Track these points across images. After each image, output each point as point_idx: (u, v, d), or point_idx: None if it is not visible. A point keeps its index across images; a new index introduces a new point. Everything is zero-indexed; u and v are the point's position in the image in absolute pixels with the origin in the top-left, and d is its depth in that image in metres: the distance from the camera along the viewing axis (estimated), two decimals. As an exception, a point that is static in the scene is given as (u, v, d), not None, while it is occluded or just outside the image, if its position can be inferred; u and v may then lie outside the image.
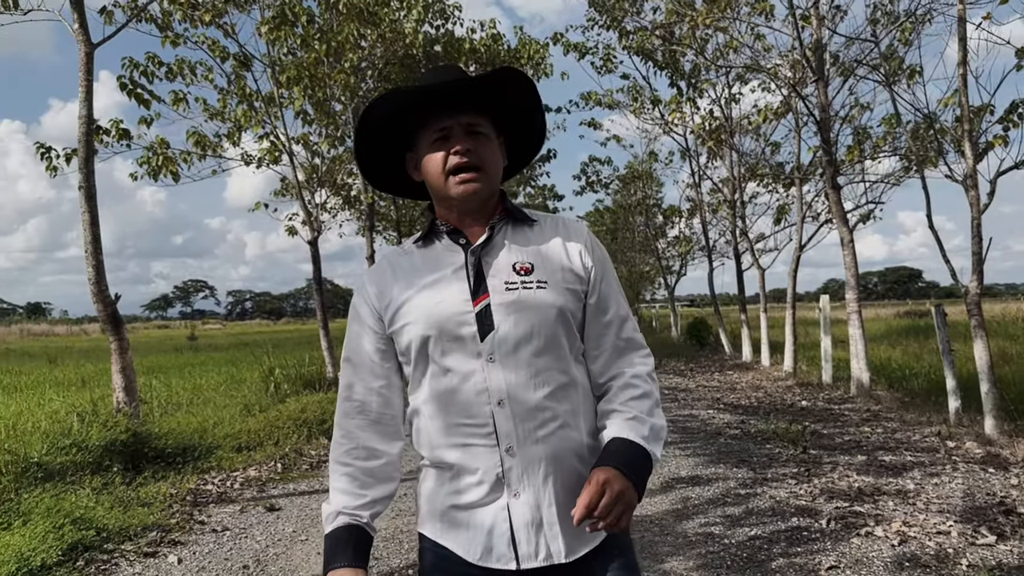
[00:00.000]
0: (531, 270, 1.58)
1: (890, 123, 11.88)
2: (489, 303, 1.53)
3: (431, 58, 14.92)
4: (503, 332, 1.52)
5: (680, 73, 15.95)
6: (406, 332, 1.57)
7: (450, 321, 1.53)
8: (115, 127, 11.34)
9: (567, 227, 1.70)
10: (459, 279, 1.57)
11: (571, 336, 1.60)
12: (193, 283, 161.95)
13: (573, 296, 1.60)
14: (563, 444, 1.54)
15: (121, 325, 7.46)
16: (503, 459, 1.51)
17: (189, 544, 4.84)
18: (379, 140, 1.68)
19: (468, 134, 1.58)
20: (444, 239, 1.63)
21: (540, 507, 1.52)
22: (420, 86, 1.57)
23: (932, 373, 11.33)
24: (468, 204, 1.60)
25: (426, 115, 1.60)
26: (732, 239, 17.89)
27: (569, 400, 1.57)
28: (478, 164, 1.57)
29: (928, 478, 5.82)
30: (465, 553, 1.56)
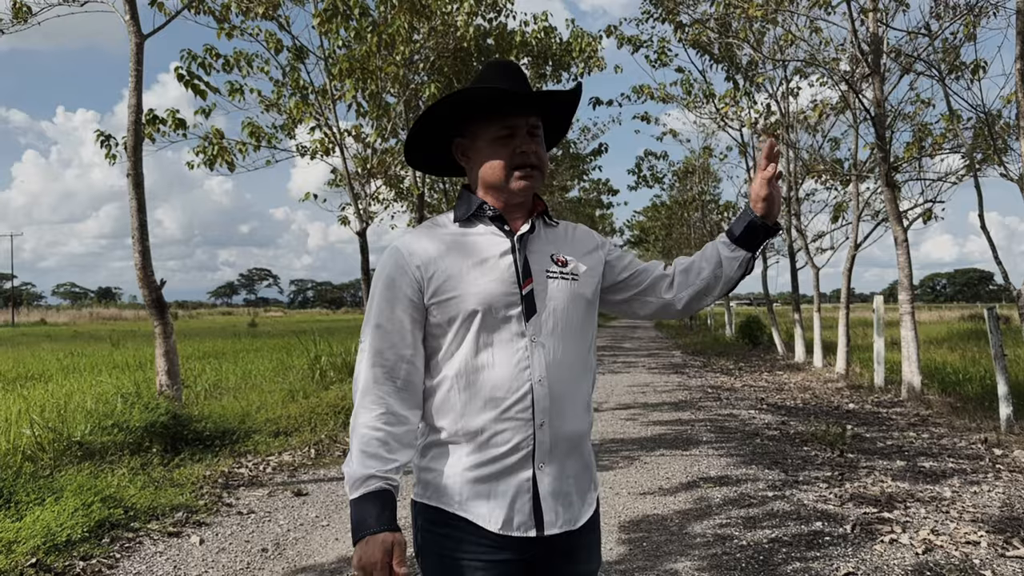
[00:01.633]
0: (566, 263, 1.76)
1: (950, 120, 11.49)
2: (533, 288, 1.69)
3: (483, 51, 14.94)
4: (544, 316, 1.68)
5: (736, 67, 15.66)
6: (453, 305, 1.65)
7: (501, 300, 1.65)
8: (171, 117, 11.67)
9: (579, 229, 1.91)
10: (508, 263, 1.69)
11: (593, 326, 1.81)
12: (257, 271, 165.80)
13: (595, 288, 1.81)
14: (584, 425, 1.74)
15: (165, 310, 7.67)
16: (536, 433, 1.64)
17: (213, 526, 4.95)
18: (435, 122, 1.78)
19: (531, 135, 1.72)
20: (487, 223, 1.75)
21: (562, 479, 1.68)
22: (504, 89, 1.67)
23: (988, 378, 10.94)
24: (522, 197, 1.73)
25: (494, 111, 1.70)
26: (787, 237, 17.53)
27: (588, 384, 1.77)
28: (539, 164, 1.72)
29: (967, 486, 5.63)
30: (486, 522, 1.63)
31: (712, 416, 9.17)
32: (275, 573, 4.13)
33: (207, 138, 12.26)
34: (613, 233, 34.04)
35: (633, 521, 4.92)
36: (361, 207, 13.69)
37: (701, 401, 10.54)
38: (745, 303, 62.63)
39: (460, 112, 1.74)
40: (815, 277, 16.17)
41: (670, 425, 8.49)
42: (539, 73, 15.60)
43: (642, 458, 6.81)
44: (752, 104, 16.56)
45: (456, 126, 1.77)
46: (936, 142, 12.04)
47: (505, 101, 1.68)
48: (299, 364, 12.98)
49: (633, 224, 37.45)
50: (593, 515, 1.78)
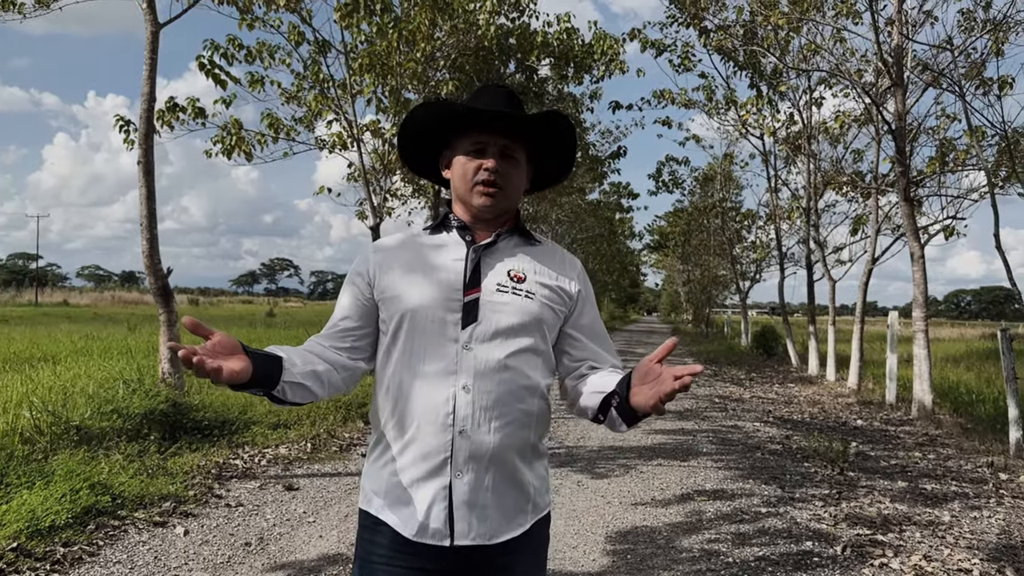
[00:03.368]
0: (523, 280, 1.74)
1: (975, 135, 11.31)
2: (479, 298, 1.69)
3: (504, 51, 14.90)
4: (485, 326, 1.67)
5: (760, 74, 15.51)
6: (394, 302, 1.71)
7: (438, 304, 1.68)
8: (191, 105, 11.75)
9: (564, 257, 1.88)
10: (456, 270, 1.71)
11: (544, 346, 1.76)
12: (279, 261, 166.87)
13: (553, 313, 1.76)
14: (512, 440, 1.68)
15: (171, 298, 7.70)
16: (455, 440, 1.63)
17: (200, 517, 4.95)
18: (423, 134, 1.84)
19: (502, 155, 1.74)
20: (453, 232, 1.79)
21: (479, 490, 1.65)
22: (470, 107, 1.73)
23: (1002, 399, 10.75)
24: (484, 213, 1.75)
25: (468, 127, 1.76)
26: (805, 247, 17.36)
27: (528, 402, 1.71)
28: (501, 184, 1.73)
29: (967, 511, 5.52)
30: (402, 528, 1.66)
31: (715, 427, 9.07)
32: (255, 568, 4.12)
33: (225, 128, 12.34)
34: (633, 237, 33.86)
35: (621, 532, 4.86)
36: (376, 202, 13.71)
37: (707, 411, 10.44)
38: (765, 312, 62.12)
39: (441, 125, 1.79)
40: (831, 290, 15.99)
41: (671, 435, 8.41)
42: (560, 75, 15.54)
43: (638, 467, 6.75)
44: (775, 113, 16.43)
45: (443, 140, 1.83)
46: (959, 158, 11.86)
47: (473, 118, 1.73)
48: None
49: (654, 228, 37.28)
50: (523, 537, 1.73)
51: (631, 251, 39.41)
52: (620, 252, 33.85)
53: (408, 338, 1.68)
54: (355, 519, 4.93)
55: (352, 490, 5.75)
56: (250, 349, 1.53)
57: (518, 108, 1.78)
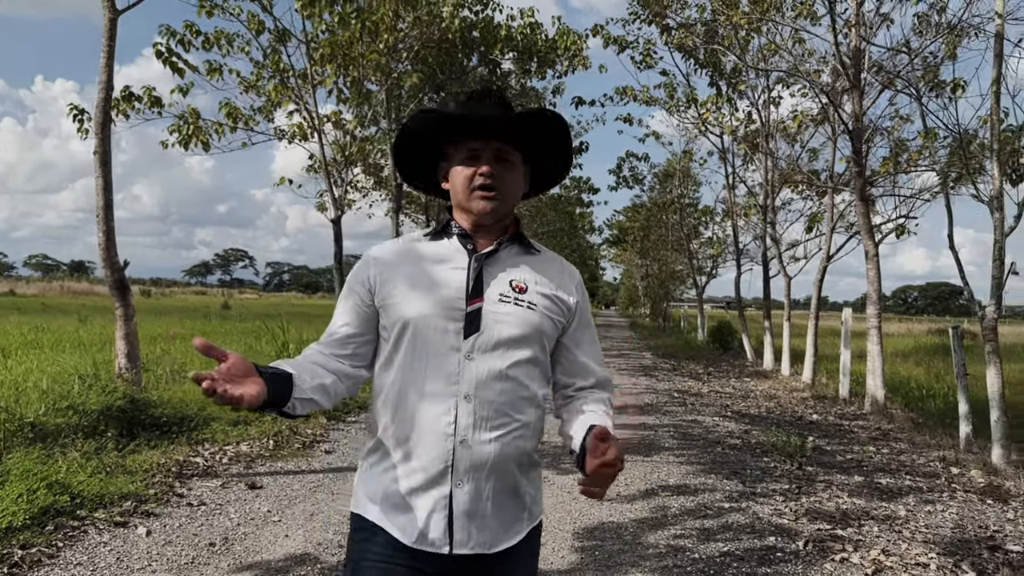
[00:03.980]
0: (525, 290, 1.75)
1: (927, 137, 11.58)
2: (481, 308, 1.69)
3: (468, 43, 14.85)
4: (487, 336, 1.68)
5: (720, 73, 15.68)
6: (395, 310, 1.71)
7: (441, 313, 1.68)
8: (147, 94, 11.50)
9: (563, 267, 1.89)
10: (459, 278, 1.72)
11: (543, 356, 1.79)
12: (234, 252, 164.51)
13: (553, 324, 1.78)
14: (511, 450, 1.69)
15: (127, 292, 7.54)
16: (455, 449, 1.64)
17: (162, 516, 4.86)
18: (418, 145, 1.84)
19: (496, 159, 1.74)
20: (454, 239, 1.79)
21: (479, 500, 1.67)
22: (461, 114, 1.73)
23: (950, 394, 11.05)
24: (483, 219, 1.76)
25: (462, 134, 1.76)
26: (761, 244, 17.62)
27: (527, 413, 1.73)
28: (498, 187, 1.73)
29: (922, 505, 5.67)
30: (401, 535, 1.67)
31: (676, 422, 9.18)
32: (220, 569, 4.06)
33: (182, 117, 12.11)
34: (592, 231, 34.04)
35: (588, 528, 4.90)
36: (338, 194, 13.57)
37: (667, 406, 10.55)
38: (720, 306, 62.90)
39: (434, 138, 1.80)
40: (787, 286, 16.26)
41: (634, 430, 8.49)
42: (524, 69, 15.54)
43: (603, 463, 6.79)
44: (733, 111, 16.63)
45: (439, 153, 1.84)
46: (912, 159, 12.13)
47: (463, 125, 1.73)
48: (267, 350, 12.83)
49: (612, 223, 37.52)
50: (520, 545, 1.75)
51: (591, 245, 39.62)
52: (580, 246, 34.01)
53: (410, 347, 1.69)
54: (321, 518, 4.93)
55: (316, 488, 5.70)
56: (262, 369, 1.53)
57: (508, 111, 1.77)
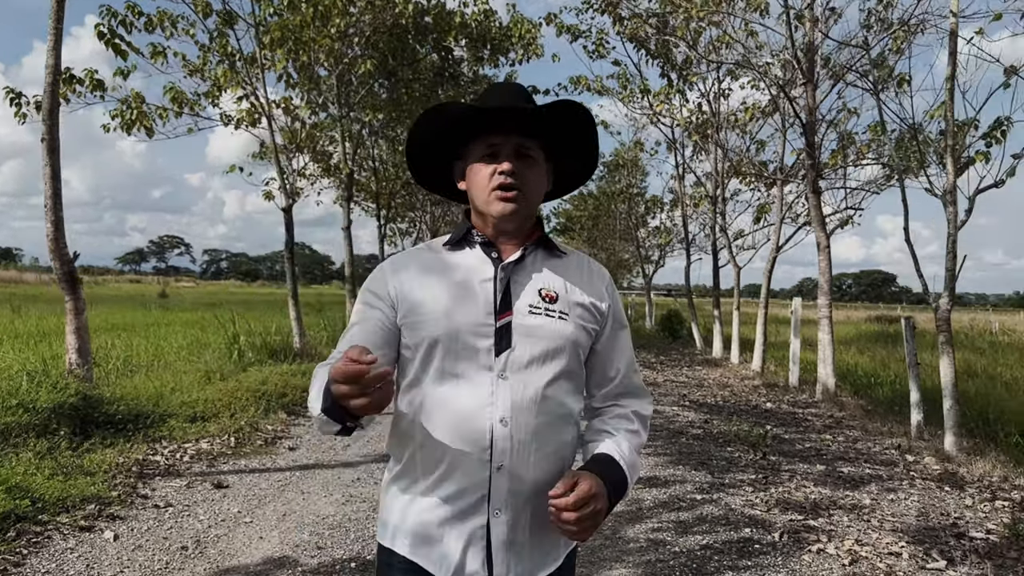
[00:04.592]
0: (556, 299, 1.62)
1: (875, 130, 11.85)
2: (511, 321, 1.56)
3: (420, 29, 14.65)
4: (519, 352, 1.55)
5: (672, 64, 15.80)
6: (421, 328, 1.57)
7: (469, 330, 1.55)
8: (89, 77, 11.07)
9: (591, 268, 1.75)
10: (486, 291, 1.59)
11: (578, 370, 1.65)
12: (169, 239, 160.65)
13: (586, 333, 1.65)
14: (551, 474, 1.56)
15: (78, 285, 7.26)
16: (492, 477, 1.52)
17: (128, 519, 4.70)
18: (431, 146, 1.70)
19: (517, 155, 1.60)
20: (476, 248, 1.65)
21: (517, 528, 1.56)
22: (478, 107, 1.59)
23: (897, 382, 11.39)
24: (505, 223, 1.62)
25: (479, 129, 1.62)
26: (711, 234, 17.86)
27: (565, 431, 1.61)
28: (519, 186, 1.59)
29: (884, 493, 5.81)
30: (436, 569, 1.56)
31: (637, 412, 9.24)
32: (196, 574, 3.93)
33: (126, 101, 11.71)
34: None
35: (566, 523, 4.88)
36: (288, 182, 13.29)
37: (625, 396, 10.61)
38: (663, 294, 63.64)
39: (448, 134, 1.65)
40: (736, 276, 16.52)
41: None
42: (476, 56, 15.41)
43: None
44: (684, 102, 16.77)
45: (455, 148, 1.70)
46: (861, 151, 12.40)
47: (480, 119, 1.60)
48: (215, 342, 12.53)
49: (559, 212, 37.62)
50: (556, 572, 1.65)
51: (539, 234, 39.70)
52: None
53: (438, 367, 1.55)
54: (294, 519, 4.82)
55: (285, 487, 5.58)
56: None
57: (529, 102, 1.64)
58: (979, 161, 7.70)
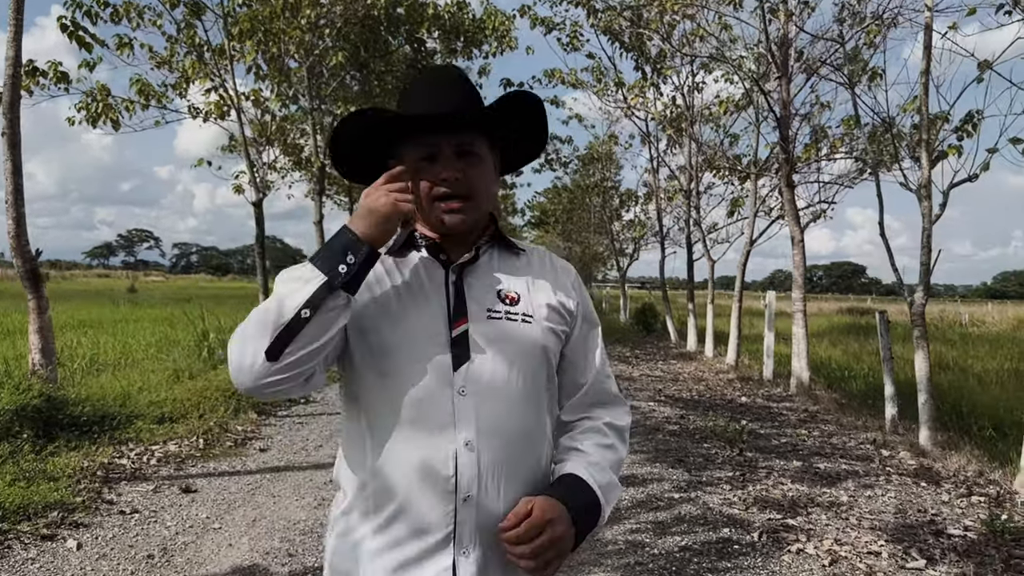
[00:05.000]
0: (517, 300, 1.45)
1: (849, 124, 11.87)
2: (467, 330, 1.39)
3: (392, 21, 14.48)
4: (479, 364, 1.38)
5: (646, 57, 15.75)
6: (370, 341, 1.38)
7: (422, 343, 1.37)
8: (53, 69, 10.81)
9: (555, 263, 1.58)
10: (438, 298, 1.41)
11: (549, 380, 1.49)
12: (138, 232, 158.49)
13: (555, 337, 1.48)
14: None
15: (40, 283, 7.05)
16: (458, 510, 1.34)
17: (92, 527, 4.55)
18: (359, 144, 1.49)
19: (459, 155, 1.41)
20: (423, 252, 1.47)
21: (488, 568, 1.37)
22: (405, 115, 1.40)
23: (871, 375, 11.46)
24: (454, 232, 1.45)
25: (411, 130, 1.42)
26: (685, 228, 17.87)
27: (539, 451, 1.45)
28: (466, 193, 1.41)
29: (862, 490, 5.79)
30: None
31: (613, 408, 9.20)
32: (163, 585, 3.81)
33: (91, 94, 11.45)
34: (514, 213, 33.99)
35: (543, 525, 4.81)
36: (258, 176, 13.08)
37: (601, 391, 10.57)
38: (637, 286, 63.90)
39: (379, 133, 1.46)
40: (711, 270, 16.54)
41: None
42: (450, 48, 15.26)
43: (547, 453, 6.74)
44: (659, 96, 16.73)
45: (387, 146, 1.49)
46: (834, 145, 12.44)
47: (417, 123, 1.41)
48: (184, 339, 12.31)
49: (534, 205, 37.56)
50: None
51: (513, 228, 39.59)
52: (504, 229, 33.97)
53: (390, 386, 1.36)
54: (264, 524, 4.70)
55: (255, 490, 5.45)
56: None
57: (470, 96, 1.46)
58: (952, 155, 7.72)
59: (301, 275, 1.28)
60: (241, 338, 1.27)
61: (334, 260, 1.27)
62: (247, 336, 1.26)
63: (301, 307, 1.24)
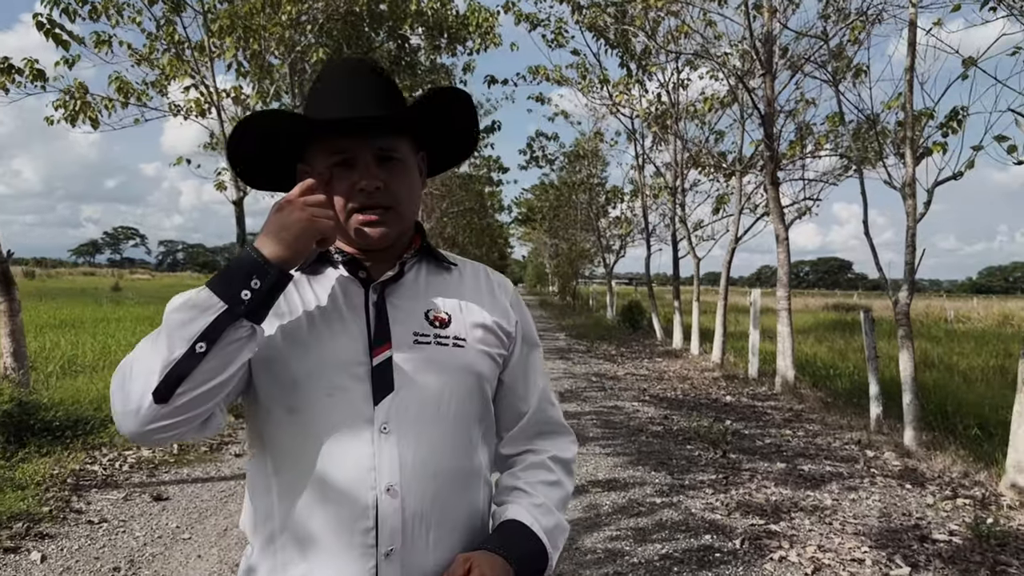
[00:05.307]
0: (447, 322, 1.29)
1: (833, 121, 11.83)
2: (391, 357, 1.22)
3: (375, 17, 14.34)
4: (405, 397, 1.21)
5: (631, 54, 15.67)
6: (275, 374, 1.21)
7: (336, 373, 1.20)
8: (29, 67, 10.64)
9: (491, 279, 1.43)
10: (356, 321, 1.24)
11: (484, 413, 1.33)
12: (124, 230, 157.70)
13: (492, 362, 1.33)
14: (457, 553, 1.23)
15: (12, 285, 6.91)
16: (379, 567, 1.18)
17: (59, 538, 4.43)
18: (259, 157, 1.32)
19: (379, 161, 1.25)
20: (340, 268, 1.30)
21: None
22: (311, 119, 1.23)
23: (856, 373, 11.42)
24: (376, 246, 1.28)
25: (324, 131, 1.25)
26: (671, 225, 17.82)
27: (474, 494, 1.30)
28: (388, 202, 1.25)
29: (846, 492, 5.73)
30: None
31: (597, 408, 9.13)
32: (128, 599, 3.70)
33: (69, 92, 11.28)
34: (501, 211, 33.87)
35: (522, 533, 4.72)
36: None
37: (586, 391, 10.51)
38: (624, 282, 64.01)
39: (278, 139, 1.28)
40: (696, 267, 16.49)
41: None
42: (433, 45, 15.14)
43: (529, 457, 6.65)
44: (644, 93, 16.67)
45: (296, 148, 1.31)
46: (819, 142, 12.40)
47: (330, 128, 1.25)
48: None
49: (521, 202, 37.47)
50: None
51: (500, 224, 39.50)
52: (490, 226, 33.80)
53: (300, 422, 1.20)
54: (235, 534, 4.58)
55: (228, 498, 5.34)
56: None
57: (390, 95, 1.29)
58: (936, 152, 7.67)
59: (196, 302, 1.09)
60: (124, 376, 1.09)
61: (236, 285, 1.08)
62: (132, 374, 1.08)
63: (195, 340, 1.06)
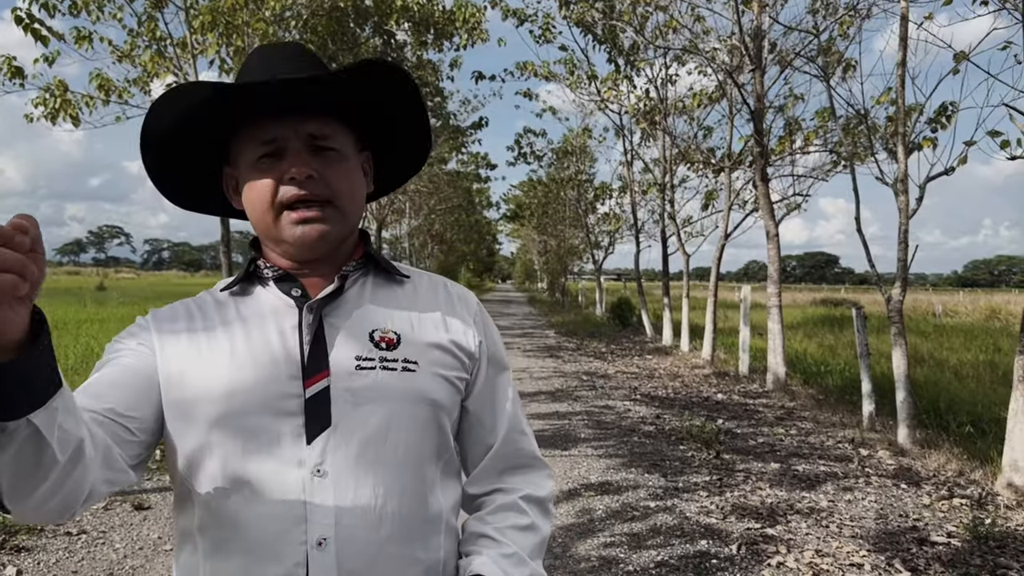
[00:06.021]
0: (396, 343, 1.10)
1: (823, 116, 11.77)
2: (328, 386, 1.05)
3: (360, 12, 14.18)
4: (344, 432, 1.04)
5: (619, 49, 15.57)
6: (193, 410, 1.05)
7: (263, 407, 1.04)
8: (7, 64, 10.44)
9: (449, 292, 1.24)
10: (287, 347, 1.07)
11: (442, 448, 1.14)
12: (108, 228, 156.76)
13: (451, 388, 1.14)
14: None
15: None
16: None
17: (35, 551, 4.29)
18: (177, 149, 1.15)
19: (312, 150, 1.08)
20: (270, 287, 1.13)
21: None
22: (230, 84, 1.05)
23: (847, 369, 11.35)
24: (308, 251, 1.11)
25: (244, 117, 1.09)
26: (660, 221, 17.74)
27: (429, 546, 1.10)
28: (327, 196, 1.08)
29: (841, 493, 5.65)
30: None
31: (588, 408, 9.02)
32: (106, 617, 3.57)
33: (48, 89, 11.08)
34: (489, 207, 33.77)
35: (514, 540, 4.61)
36: (223, 173, 12.77)
37: (577, 390, 10.40)
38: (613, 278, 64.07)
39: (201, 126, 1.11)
40: (686, 264, 16.42)
41: (547, 419, 8.27)
42: (420, 40, 14.99)
43: (520, 459, 6.54)
44: (632, 88, 16.57)
45: (220, 150, 1.16)
46: (808, 138, 12.33)
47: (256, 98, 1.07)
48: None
49: (509, 198, 37.37)
50: None
51: (488, 221, 39.37)
52: (478, 222, 33.68)
53: (220, 465, 1.04)
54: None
55: (213, 505, 5.20)
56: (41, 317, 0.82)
57: (312, 63, 1.12)
58: (926, 147, 7.61)
59: None
60: None
61: None
62: None
63: None
